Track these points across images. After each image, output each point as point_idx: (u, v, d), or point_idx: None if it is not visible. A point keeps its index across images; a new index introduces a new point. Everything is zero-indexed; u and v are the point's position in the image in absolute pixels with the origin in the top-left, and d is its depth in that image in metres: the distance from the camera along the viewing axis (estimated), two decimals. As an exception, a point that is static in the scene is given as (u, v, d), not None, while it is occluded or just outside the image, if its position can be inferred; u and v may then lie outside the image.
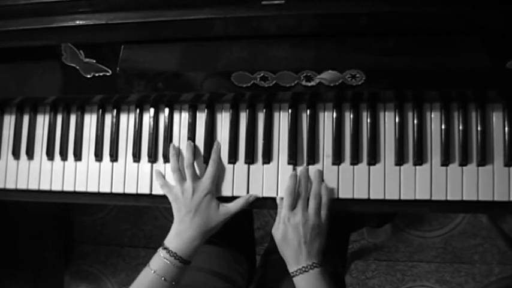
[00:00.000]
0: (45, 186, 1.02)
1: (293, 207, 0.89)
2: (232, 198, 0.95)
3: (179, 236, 0.89)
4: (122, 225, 1.87)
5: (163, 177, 0.97)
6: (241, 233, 1.20)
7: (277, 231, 0.89)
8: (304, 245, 0.87)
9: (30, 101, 1.04)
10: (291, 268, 0.88)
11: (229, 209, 0.92)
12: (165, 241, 0.90)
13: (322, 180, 0.92)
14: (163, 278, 0.86)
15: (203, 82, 0.91)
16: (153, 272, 0.86)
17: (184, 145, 0.97)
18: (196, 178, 0.93)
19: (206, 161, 0.96)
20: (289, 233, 0.88)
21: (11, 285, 1.54)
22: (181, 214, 0.90)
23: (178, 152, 0.96)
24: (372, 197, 0.91)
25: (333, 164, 0.93)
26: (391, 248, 1.76)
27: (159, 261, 0.87)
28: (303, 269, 0.86)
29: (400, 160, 0.91)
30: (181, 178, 0.93)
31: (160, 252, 0.88)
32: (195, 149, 0.97)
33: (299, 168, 0.93)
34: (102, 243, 1.89)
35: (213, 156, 0.95)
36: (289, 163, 0.94)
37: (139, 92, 0.93)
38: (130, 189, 0.99)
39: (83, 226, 1.92)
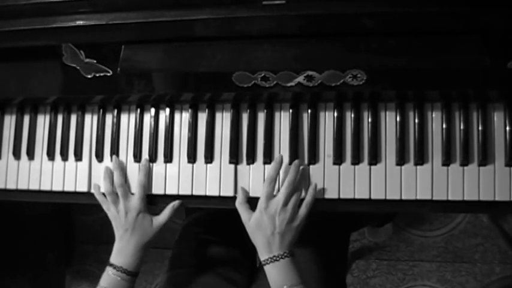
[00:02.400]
0: (45, 187, 1.02)
1: (271, 196, 0.90)
2: (234, 199, 0.95)
3: (121, 252, 0.94)
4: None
5: (103, 194, 0.98)
6: (242, 232, 1.20)
7: (252, 219, 0.90)
8: (278, 235, 0.87)
9: (31, 101, 1.04)
10: (262, 256, 0.89)
11: (160, 220, 0.96)
12: (110, 259, 0.94)
13: (309, 180, 0.93)
14: None
15: (204, 82, 0.91)
16: None
17: (184, 145, 0.97)
18: (127, 197, 0.96)
19: (206, 160, 0.97)
20: (264, 222, 0.88)
21: (12, 285, 1.54)
22: (120, 232, 0.95)
23: (111, 175, 0.98)
24: (373, 197, 0.91)
25: (334, 163, 0.93)
26: (392, 248, 1.76)
27: (108, 278, 0.92)
28: (274, 258, 0.87)
29: (401, 160, 0.91)
30: (116, 199, 0.96)
31: (109, 270, 0.92)
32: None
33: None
34: (103, 242, 1.88)
35: (139, 177, 0.98)
36: (290, 163, 0.93)
37: (140, 92, 0.93)
38: (131, 189, 0.99)
39: (83, 226, 1.92)
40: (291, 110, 0.95)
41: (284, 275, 0.86)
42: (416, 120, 0.91)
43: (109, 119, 1.02)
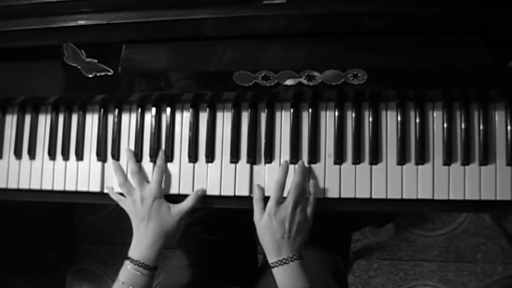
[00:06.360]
0: (47, 186, 1.03)
1: (280, 201, 0.89)
2: (235, 198, 0.94)
3: (138, 244, 0.92)
4: (123, 224, 1.85)
5: (118, 193, 0.98)
6: (243, 231, 1.20)
7: (261, 222, 0.89)
8: (287, 239, 0.87)
9: (32, 100, 1.04)
10: (271, 259, 0.88)
11: (181, 207, 0.94)
12: (129, 252, 0.92)
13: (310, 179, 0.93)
14: (131, 287, 0.89)
15: (204, 81, 0.91)
16: (121, 283, 0.89)
17: (185, 144, 0.98)
18: (143, 185, 0.95)
19: (207, 160, 0.97)
20: (273, 226, 0.88)
21: (13, 285, 1.55)
22: (136, 223, 0.93)
23: (121, 167, 0.98)
24: (374, 197, 0.91)
25: (335, 163, 0.93)
26: (393, 247, 1.76)
27: (126, 272, 0.90)
28: (284, 260, 0.87)
29: (402, 159, 0.91)
30: (131, 189, 0.95)
31: (127, 265, 0.91)
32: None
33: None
34: (104, 242, 1.88)
35: (158, 162, 0.97)
36: (291, 162, 0.93)
37: (141, 92, 0.93)
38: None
39: (84, 225, 1.92)
40: (291, 110, 0.95)
41: (293, 278, 0.86)
42: (417, 120, 0.91)
43: (110, 118, 1.02)
